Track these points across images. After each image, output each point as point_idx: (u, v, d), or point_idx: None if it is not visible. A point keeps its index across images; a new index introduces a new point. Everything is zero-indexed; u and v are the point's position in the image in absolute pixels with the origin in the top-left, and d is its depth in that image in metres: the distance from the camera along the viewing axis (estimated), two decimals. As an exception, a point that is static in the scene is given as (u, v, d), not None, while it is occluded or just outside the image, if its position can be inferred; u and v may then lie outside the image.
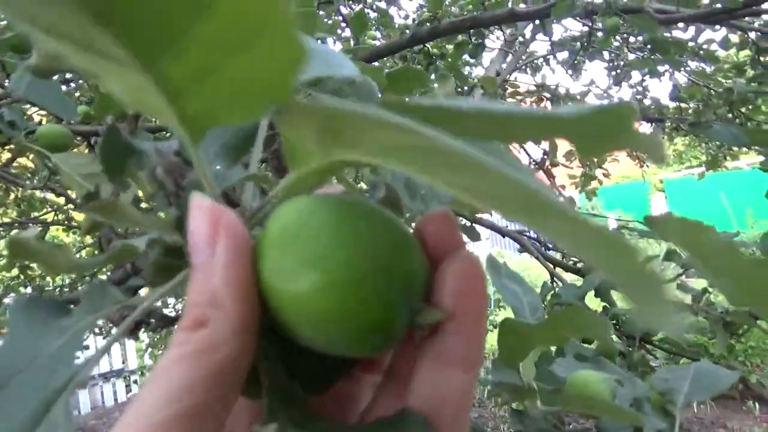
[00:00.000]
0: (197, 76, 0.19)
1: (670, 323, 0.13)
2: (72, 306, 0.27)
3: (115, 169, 0.29)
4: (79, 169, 0.88)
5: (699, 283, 1.21)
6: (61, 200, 2.19)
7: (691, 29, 2.58)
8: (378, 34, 2.59)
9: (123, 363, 4.51)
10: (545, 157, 2.33)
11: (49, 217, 2.49)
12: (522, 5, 2.04)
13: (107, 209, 0.26)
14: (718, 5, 1.73)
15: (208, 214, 0.22)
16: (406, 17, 2.81)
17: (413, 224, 0.25)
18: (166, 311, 0.29)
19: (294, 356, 0.24)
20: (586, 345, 1.10)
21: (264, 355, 0.24)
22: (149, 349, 3.99)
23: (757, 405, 3.17)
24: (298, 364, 0.24)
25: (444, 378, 0.23)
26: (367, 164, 0.21)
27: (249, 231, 0.24)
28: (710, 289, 1.11)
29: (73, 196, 1.69)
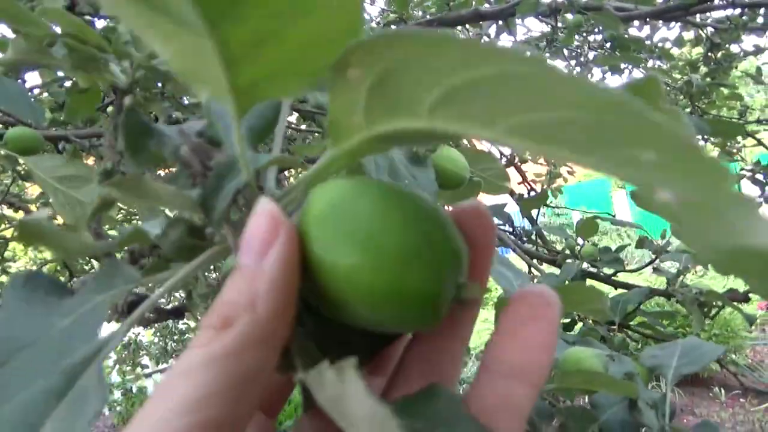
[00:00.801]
0: (256, 42, 0.19)
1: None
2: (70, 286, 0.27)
3: (137, 148, 0.28)
4: (53, 171, 0.86)
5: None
6: (20, 215, 2.12)
7: (646, 28, 2.67)
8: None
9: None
10: (515, 153, 2.37)
11: (8, 233, 2.40)
12: (486, 5, 2.07)
13: (130, 184, 0.25)
14: (672, 2, 1.80)
15: (270, 219, 0.22)
16: (371, 20, 2.82)
17: None
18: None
19: (328, 337, 0.25)
20: (567, 332, 1.12)
21: (298, 335, 0.24)
22: (116, 366, 3.88)
23: (723, 391, 3.28)
24: (332, 345, 0.25)
25: (508, 389, 0.22)
26: (415, 134, 0.20)
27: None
28: (685, 271, 1.15)
29: (34, 209, 1.63)
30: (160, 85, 0.66)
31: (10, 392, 0.20)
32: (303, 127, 1.59)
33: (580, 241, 1.50)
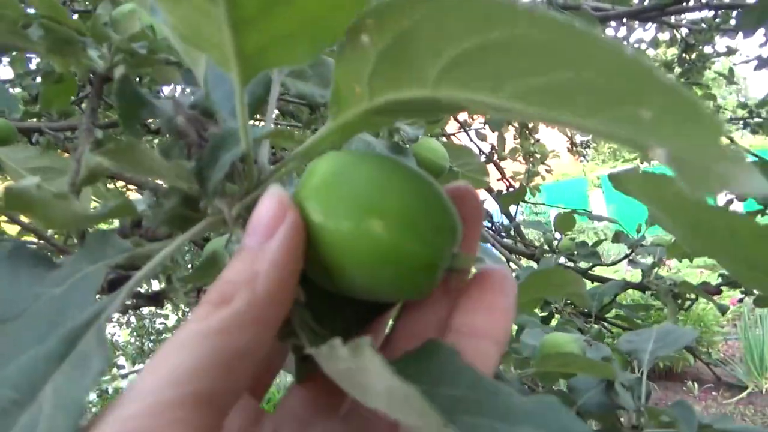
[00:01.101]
0: (266, 6, 0.19)
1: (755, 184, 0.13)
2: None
3: (130, 117, 0.28)
4: (26, 162, 0.84)
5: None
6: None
7: (623, 29, 2.71)
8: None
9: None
10: (494, 150, 2.39)
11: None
12: None
13: (124, 153, 0.25)
14: (648, 2, 1.83)
15: (278, 202, 0.22)
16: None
17: None
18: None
19: (322, 307, 0.25)
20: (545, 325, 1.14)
21: (297, 306, 0.24)
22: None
23: (696, 384, 3.34)
24: (325, 315, 0.25)
25: (476, 345, 0.24)
26: (418, 104, 0.20)
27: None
28: (659, 263, 1.17)
29: None
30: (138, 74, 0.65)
31: (7, 357, 0.20)
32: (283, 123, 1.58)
33: (557, 236, 1.52)
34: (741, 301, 1.43)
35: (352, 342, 0.18)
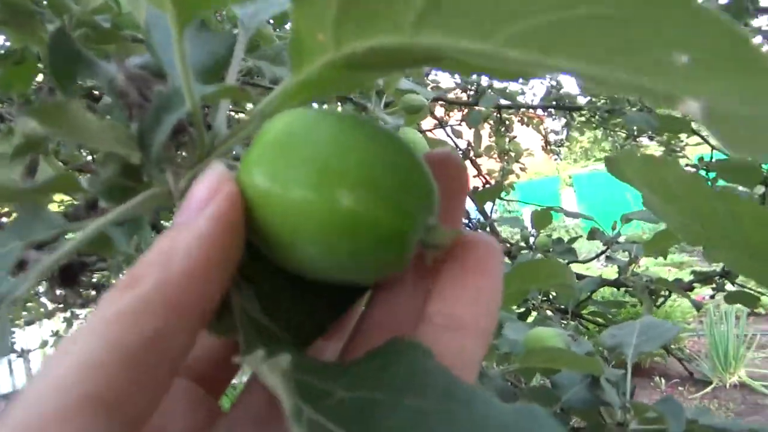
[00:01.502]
0: None
1: None
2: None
3: (64, 75, 0.25)
4: (-18, 148, 0.79)
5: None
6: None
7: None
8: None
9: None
10: (470, 147, 2.39)
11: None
12: None
13: (55, 114, 0.22)
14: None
15: (217, 176, 0.19)
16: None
17: None
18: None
19: (277, 292, 0.22)
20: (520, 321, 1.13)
21: (239, 290, 0.21)
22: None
23: (663, 380, 3.41)
24: (280, 302, 0.22)
25: (458, 342, 0.20)
26: (392, 54, 0.18)
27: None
28: (635, 260, 1.18)
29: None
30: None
31: None
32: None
33: (533, 232, 1.52)
34: (712, 297, 1.45)
35: (272, 360, 0.15)
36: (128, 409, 0.16)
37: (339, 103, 0.94)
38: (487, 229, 1.95)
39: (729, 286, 1.50)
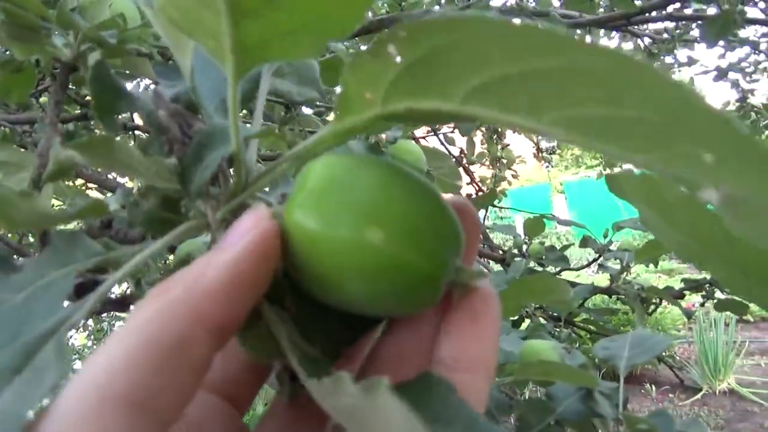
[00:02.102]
0: None
1: None
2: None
3: (106, 109, 0.26)
4: (-19, 156, 0.79)
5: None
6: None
7: (587, 38, 2.77)
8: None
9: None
10: (462, 155, 2.40)
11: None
12: (436, 7, 2.09)
13: (100, 148, 0.22)
14: (615, 10, 1.87)
15: (257, 215, 0.21)
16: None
17: None
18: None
19: (309, 319, 0.24)
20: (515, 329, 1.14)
21: (280, 317, 0.23)
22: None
23: (653, 387, 3.43)
24: (312, 328, 0.24)
25: (467, 382, 0.22)
26: (434, 115, 0.19)
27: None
28: (627, 268, 1.19)
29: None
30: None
31: None
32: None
33: (526, 240, 1.53)
34: (702, 305, 1.47)
35: (365, 381, 0.16)
36: (157, 412, 0.17)
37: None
38: (481, 236, 1.97)
39: (719, 294, 1.53)
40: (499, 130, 2.79)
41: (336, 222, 0.20)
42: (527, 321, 1.25)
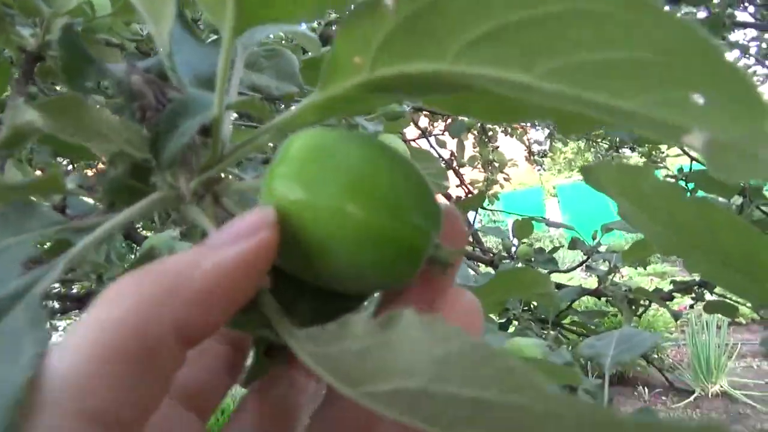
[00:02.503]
0: None
1: None
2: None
3: (75, 73, 0.24)
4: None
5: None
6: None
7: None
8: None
9: None
10: (453, 157, 2.40)
11: None
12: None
13: (65, 109, 0.21)
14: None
15: (263, 216, 0.20)
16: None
17: None
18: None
19: (288, 297, 0.23)
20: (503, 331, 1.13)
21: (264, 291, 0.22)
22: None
23: (646, 389, 3.43)
24: (291, 306, 0.23)
25: None
26: (422, 81, 0.19)
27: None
28: (615, 269, 1.18)
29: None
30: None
31: None
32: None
33: (515, 242, 1.52)
34: (692, 307, 1.46)
35: (380, 317, 0.16)
36: (121, 421, 0.16)
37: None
38: (470, 238, 1.96)
39: (708, 296, 1.52)
40: (491, 132, 2.79)
41: (319, 190, 0.20)
42: (515, 324, 1.25)
